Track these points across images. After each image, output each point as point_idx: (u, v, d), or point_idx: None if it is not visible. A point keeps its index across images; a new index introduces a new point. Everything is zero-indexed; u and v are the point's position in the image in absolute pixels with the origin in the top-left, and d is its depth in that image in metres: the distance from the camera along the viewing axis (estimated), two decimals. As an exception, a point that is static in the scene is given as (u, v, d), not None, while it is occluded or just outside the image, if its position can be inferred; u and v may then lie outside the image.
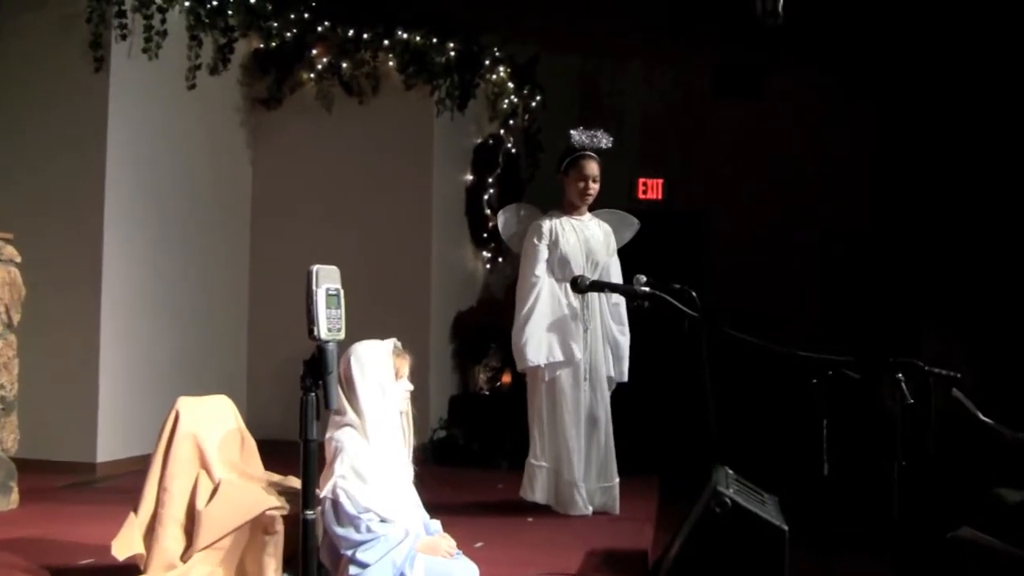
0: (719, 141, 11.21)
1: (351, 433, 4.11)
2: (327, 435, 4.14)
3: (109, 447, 7.45)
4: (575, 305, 6.34)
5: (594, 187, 6.46)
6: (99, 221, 7.46)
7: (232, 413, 4.62)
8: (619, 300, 6.50)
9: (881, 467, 4.49)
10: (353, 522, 4.00)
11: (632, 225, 6.73)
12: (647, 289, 5.69)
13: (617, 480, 6.35)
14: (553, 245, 6.39)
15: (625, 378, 6.54)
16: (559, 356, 6.24)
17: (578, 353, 6.26)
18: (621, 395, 6.59)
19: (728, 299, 9.59)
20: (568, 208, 6.52)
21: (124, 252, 7.66)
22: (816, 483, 4.71)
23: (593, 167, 6.44)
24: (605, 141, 6.47)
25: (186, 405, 4.45)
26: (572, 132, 6.48)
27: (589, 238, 6.47)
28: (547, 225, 6.43)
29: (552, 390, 6.28)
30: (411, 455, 4.29)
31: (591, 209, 6.61)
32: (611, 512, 6.30)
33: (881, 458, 4.52)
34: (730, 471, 4.91)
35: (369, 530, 3.99)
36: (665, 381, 8.72)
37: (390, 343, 4.31)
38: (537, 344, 6.22)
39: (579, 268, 6.34)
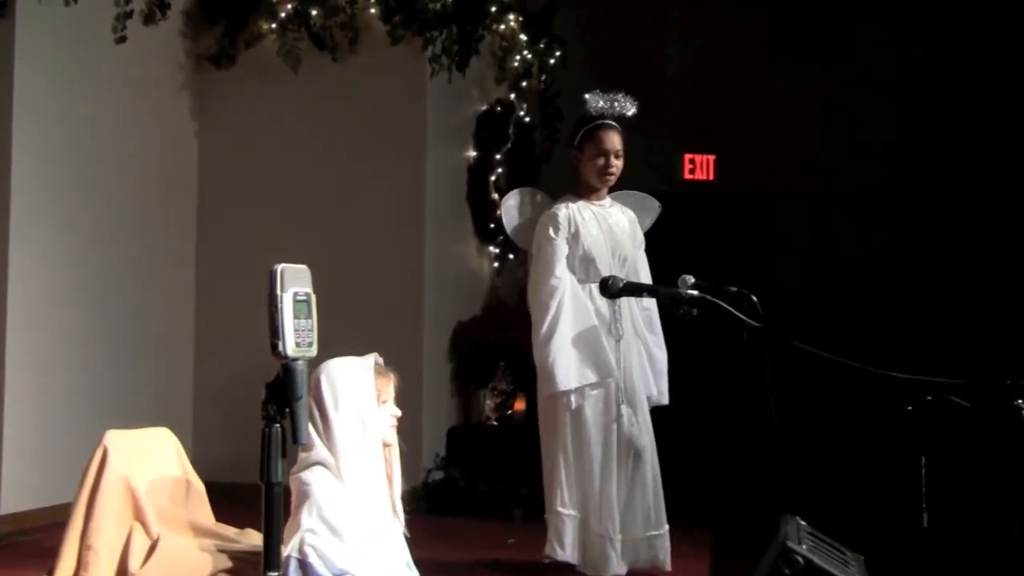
0: (784, 108, 11.18)
1: (322, 474, 4.09)
2: (293, 473, 4.12)
3: (16, 495, 7.42)
4: (604, 312, 6.33)
5: (617, 163, 6.46)
6: (3, 212, 7.43)
7: (174, 450, 4.60)
8: (651, 305, 6.51)
9: (995, 519, 4.45)
10: (324, 588, 3.98)
11: (652, 209, 6.76)
12: (696, 293, 5.64)
13: (667, 528, 6.32)
14: (573, 239, 6.37)
15: (666, 399, 6.53)
16: (594, 376, 6.21)
17: (615, 370, 6.24)
18: (660, 425, 6.55)
19: (797, 304, 9.59)
20: (585, 191, 6.52)
21: (35, 251, 7.63)
22: (912, 539, 4.68)
23: (615, 139, 6.45)
24: (629, 107, 6.47)
25: (116, 441, 4.43)
26: (587, 96, 6.47)
27: (613, 227, 6.47)
28: (564, 213, 6.41)
29: (578, 419, 6.25)
30: (398, 502, 4.27)
31: (610, 191, 6.60)
32: (661, 568, 6.27)
33: (995, 508, 4.48)
34: (802, 522, 4.88)
35: (345, 600, 3.98)
36: (717, 408, 8.69)
37: (370, 359, 4.30)
38: (567, 364, 6.19)
39: (605, 266, 6.33)
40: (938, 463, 4.73)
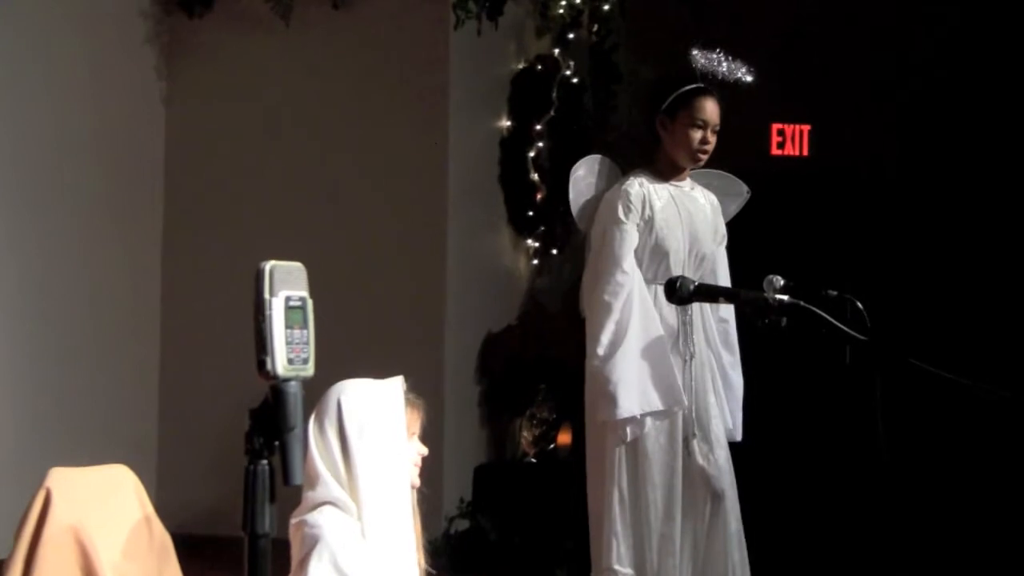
0: (892, 68, 11.15)
1: (334, 516, 4.08)
2: (294, 518, 4.11)
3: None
4: (672, 322, 6.29)
5: (712, 140, 6.42)
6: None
7: (134, 493, 4.60)
8: (729, 315, 6.47)
9: None
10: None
11: (737, 195, 6.74)
12: (786, 298, 5.60)
13: (754, 591, 6.33)
14: (645, 225, 6.33)
15: (739, 435, 6.50)
16: (659, 403, 6.18)
17: (684, 397, 6.20)
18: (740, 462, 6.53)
19: (914, 312, 9.55)
20: (666, 171, 6.47)
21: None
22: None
23: (716, 110, 6.41)
24: (741, 72, 6.43)
25: (62, 482, 4.43)
26: (694, 52, 6.42)
27: (694, 216, 6.43)
28: (637, 191, 6.37)
29: (636, 455, 6.23)
30: (421, 557, 4.28)
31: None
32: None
33: None
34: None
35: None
36: (813, 439, 8.67)
37: (398, 384, 4.28)
38: (629, 384, 6.15)
39: (679, 265, 6.30)
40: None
